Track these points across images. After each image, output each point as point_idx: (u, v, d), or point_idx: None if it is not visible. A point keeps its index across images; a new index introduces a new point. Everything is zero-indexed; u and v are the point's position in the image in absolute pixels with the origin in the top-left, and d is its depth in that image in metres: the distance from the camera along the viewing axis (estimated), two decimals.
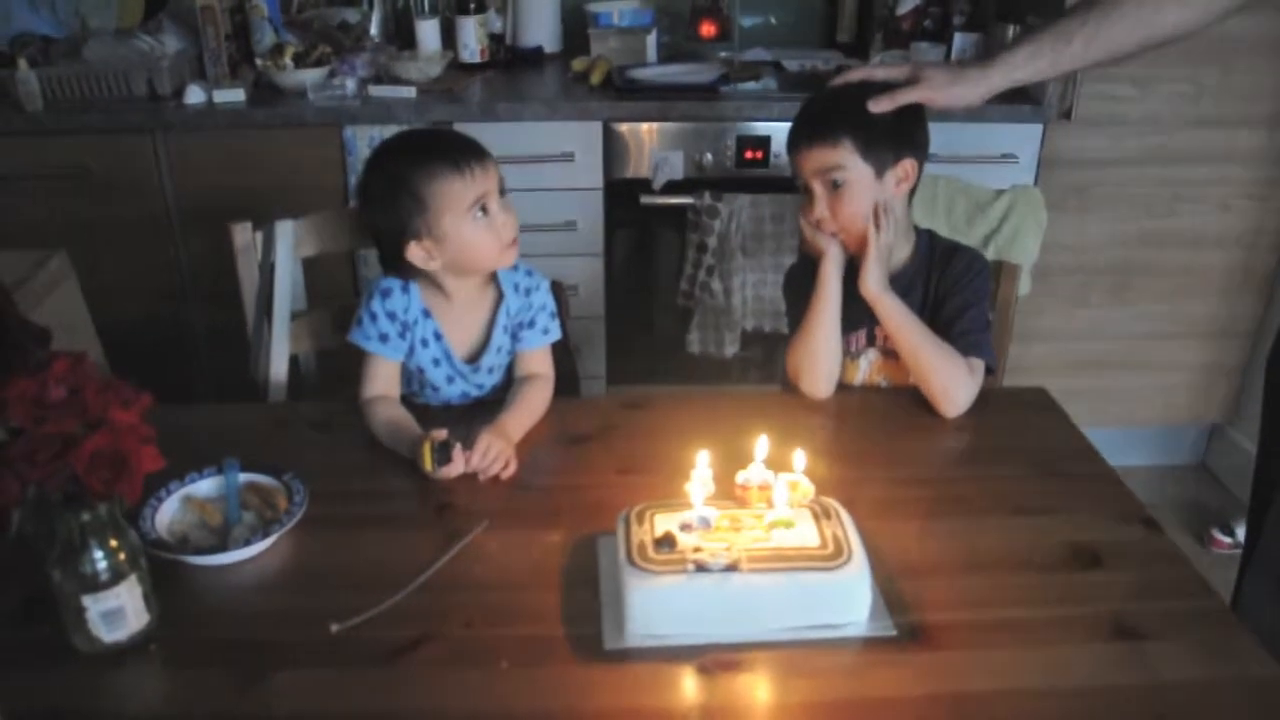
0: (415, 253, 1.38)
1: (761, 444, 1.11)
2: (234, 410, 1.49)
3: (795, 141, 1.48)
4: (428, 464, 1.25)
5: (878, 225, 1.43)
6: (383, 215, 1.39)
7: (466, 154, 1.37)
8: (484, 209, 1.37)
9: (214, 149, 2.33)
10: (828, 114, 1.46)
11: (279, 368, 1.65)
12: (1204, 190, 2.46)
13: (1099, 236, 2.50)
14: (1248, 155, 2.42)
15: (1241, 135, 2.40)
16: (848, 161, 1.42)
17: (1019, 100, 2.28)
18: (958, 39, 2.49)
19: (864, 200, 1.44)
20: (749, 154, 2.35)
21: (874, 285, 1.43)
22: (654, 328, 2.61)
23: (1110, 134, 2.39)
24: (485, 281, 1.47)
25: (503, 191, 1.41)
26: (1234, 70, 2.32)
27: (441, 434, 1.26)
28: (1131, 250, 2.52)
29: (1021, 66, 1.42)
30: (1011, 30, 2.37)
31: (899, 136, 1.45)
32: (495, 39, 2.67)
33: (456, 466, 1.26)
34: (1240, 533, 2.46)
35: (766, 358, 2.57)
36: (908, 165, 1.47)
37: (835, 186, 1.43)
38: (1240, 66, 2.32)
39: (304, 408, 1.53)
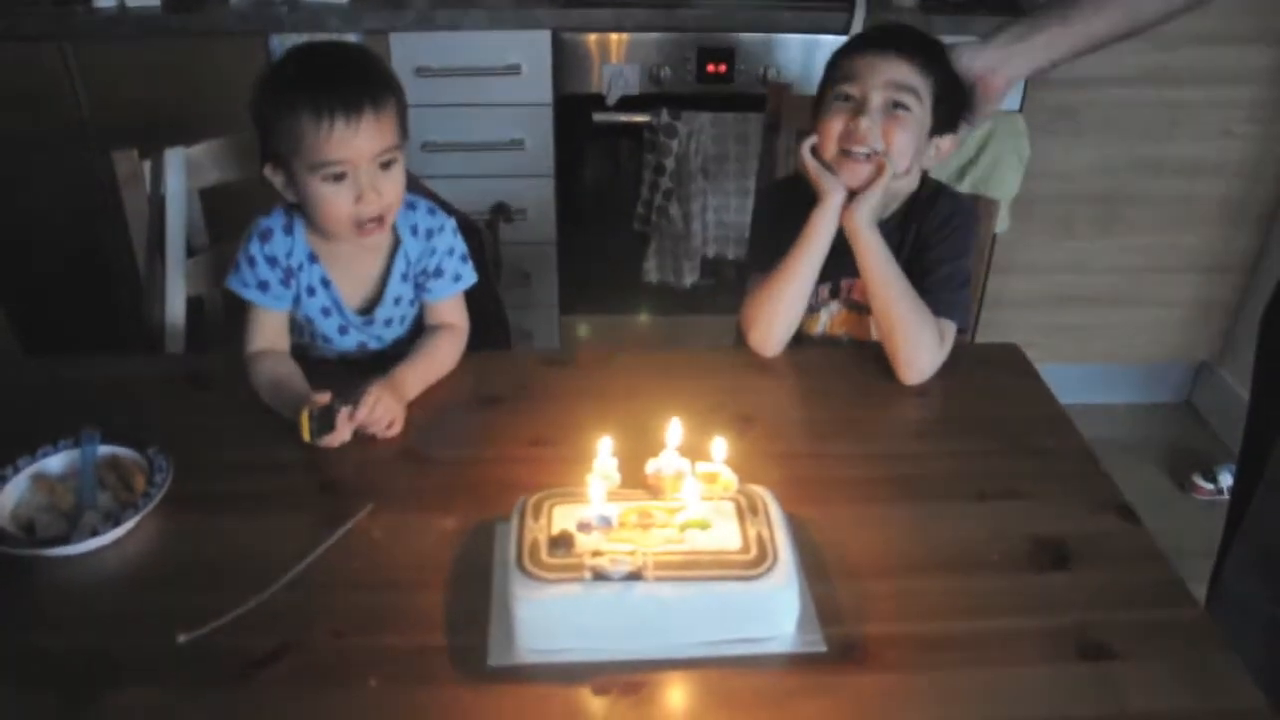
0: (272, 175, 1.21)
1: (674, 429, 0.95)
2: (108, 363, 1.32)
3: (875, 45, 1.29)
4: (306, 434, 1.10)
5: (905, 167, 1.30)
6: (258, 116, 1.20)
7: (349, 103, 1.13)
8: (339, 176, 1.17)
9: (129, 59, 2.12)
10: (924, 44, 1.30)
11: (174, 312, 1.49)
12: (1205, 113, 2.27)
13: (1088, 162, 2.31)
14: (1256, 75, 2.23)
15: (1250, 53, 2.20)
16: (923, 93, 1.28)
17: (1007, 13, 2.07)
18: None
19: (913, 141, 1.28)
20: (711, 68, 2.15)
21: (861, 218, 1.27)
22: (610, 253, 2.43)
23: (1105, 50, 2.18)
24: None
25: (388, 162, 1.19)
26: None
27: (324, 398, 1.11)
28: (1123, 178, 2.33)
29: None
30: None
31: (956, 110, 1.33)
32: None
33: (342, 433, 1.11)
34: (1222, 479, 2.34)
35: (730, 286, 2.40)
36: (948, 143, 1.34)
37: (894, 109, 1.26)
38: None
39: (187, 361, 1.37)
